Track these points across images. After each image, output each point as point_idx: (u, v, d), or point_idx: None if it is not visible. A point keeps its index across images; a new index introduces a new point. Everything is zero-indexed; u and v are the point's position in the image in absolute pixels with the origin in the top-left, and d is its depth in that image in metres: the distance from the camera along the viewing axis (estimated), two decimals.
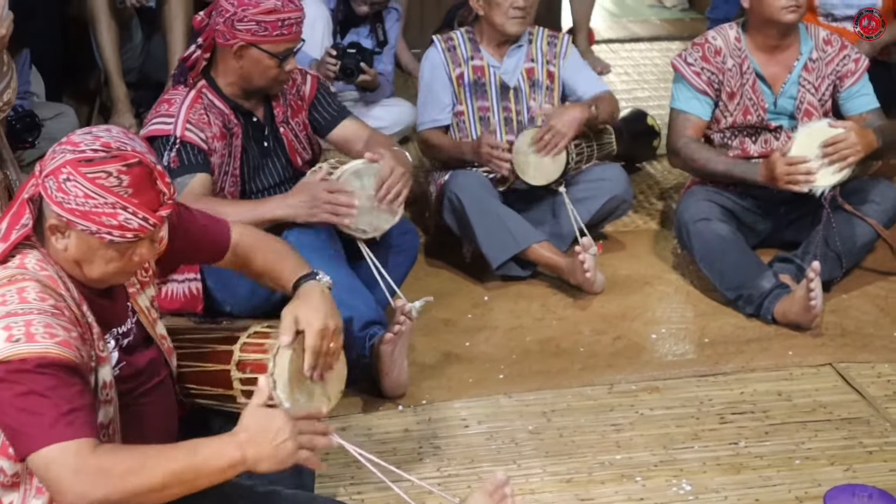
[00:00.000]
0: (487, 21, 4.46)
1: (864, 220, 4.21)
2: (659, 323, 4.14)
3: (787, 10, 4.22)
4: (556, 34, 4.64)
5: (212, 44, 3.72)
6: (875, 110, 4.40)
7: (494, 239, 4.24)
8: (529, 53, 4.54)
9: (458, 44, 4.54)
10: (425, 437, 3.46)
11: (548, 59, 4.55)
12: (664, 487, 3.24)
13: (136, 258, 2.41)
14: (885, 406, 3.62)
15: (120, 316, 2.53)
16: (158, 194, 2.36)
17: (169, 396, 2.68)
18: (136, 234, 2.34)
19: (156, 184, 2.36)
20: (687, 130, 4.37)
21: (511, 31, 4.43)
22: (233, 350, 2.78)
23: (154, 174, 2.35)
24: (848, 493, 2.90)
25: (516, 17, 4.40)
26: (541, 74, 4.53)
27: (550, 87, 4.54)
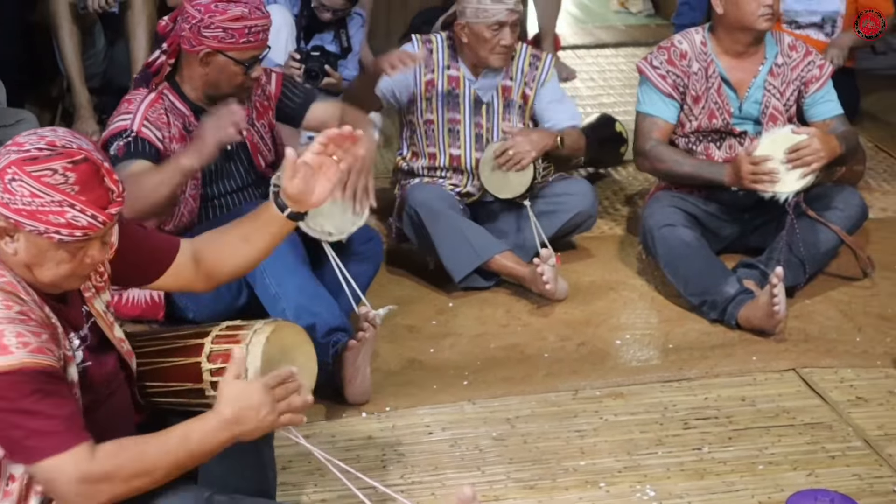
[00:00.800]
0: (470, 48, 4.40)
1: (827, 226, 4.25)
2: (623, 329, 4.15)
3: (763, 17, 4.25)
4: (539, 55, 4.58)
5: (177, 49, 3.71)
6: (839, 116, 4.44)
7: (456, 252, 4.24)
8: (509, 72, 4.49)
9: (436, 48, 4.49)
10: (389, 443, 3.45)
11: (526, 81, 4.51)
12: (628, 493, 3.25)
13: (88, 259, 2.39)
14: (848, 411, 3.64)
15: (76, 321, 2.51)
16: (107, 192, 2.35)
17: (126, 400, 2.68)
18: (85, 232, 2.32)
19: (103, 181, 2.35)
20: (654, 133, 4.39)
21: (494, 65, 4.40)
22: (204, 343, 2.78)
23: (101, 171, 2.34)
24: (810, 498, 2.91)
25: (501, 53, 4.37)
26: (516, 94, 4.51)
27: (523, 107, 4.52)
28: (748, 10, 4.24)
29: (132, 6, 5.53)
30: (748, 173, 4.12)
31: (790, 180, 4.14)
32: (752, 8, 4.24)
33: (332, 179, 2.70)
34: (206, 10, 3.60)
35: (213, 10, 3.59)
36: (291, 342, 2.79)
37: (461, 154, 4.47)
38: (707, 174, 4.31)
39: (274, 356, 2.69)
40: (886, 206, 5.16)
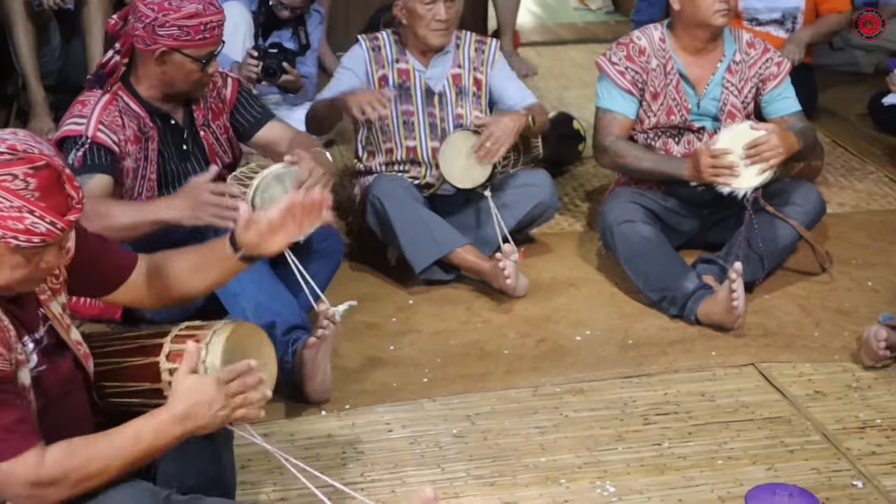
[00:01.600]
0: (410, 30, 4.45)
1: (786, 221, 4.27)
2: (583, 325, 4.15)
3: (719, 13, 4.27)
4: (483, 40, 4.62)
5: (130, 49, 3.67)
6: (797, 113, 4.46)
7: (417, 243, 4.24)
8: (456, 59, 4.53)
9: (384, 45, 4.52)
10: (349, 441, 3.45)
11: (475, 66, 4.54)
12: (588, 489, 3.25)
13: (44, 265, 2.38)
14: (807, 405, 3.66)
15: (31, 323, 2.50)
16: (67, 198, 2.33)
17: (84, 402, 2.67)
18: (43, 238, 2.31)
19: (64, 187, 2.33)
20: (614, 129, 4.40)
21: (433, 42, 4.42)
22: (163, 343, 2.77)
23: (62, 178, 2.33)
24: (769, 492, 2.93)
25: (438, 29, 4.39)
26: (467, 81, 4.53)
27: (477, 93, 4.54)
28: (704, 6, 4.26)
29: (88, 3, 5.52)
30: (707, 167, 4.14)
31: (749, 176, 4.16)
32: (708, 4, 4.25)
33: (291, 235, 2.79)
34: (159, 8, 3.56)
35: (166, 9, 3.56)
36: (251, 342, 2.79)
37: (417, 145, 4.48)
38: (667, 169, 4.32)
39: (234, 356, 2.69)
40: (844, 201, 5.19)
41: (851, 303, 4.29)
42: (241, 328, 2.78)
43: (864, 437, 3.51)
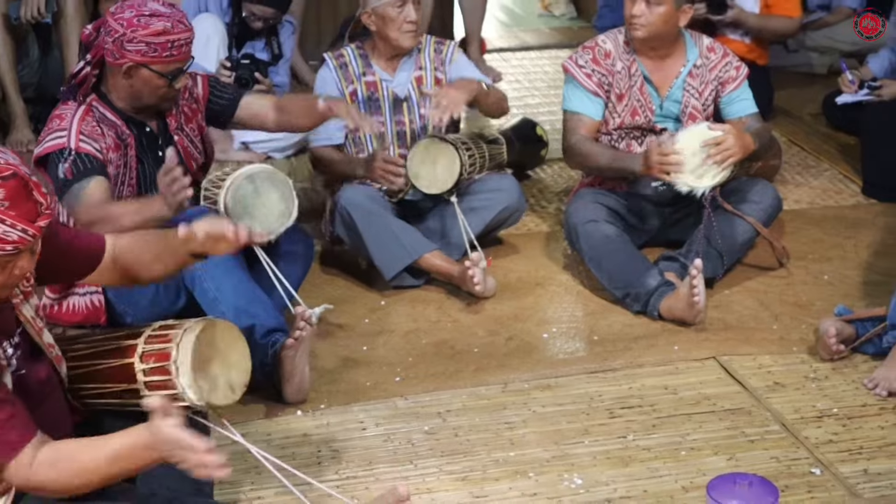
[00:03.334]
0: (380, 36, 4.43)
1: (743, 218, 4.29)
2: (550, 323, 4.16)
3: (630, 23, 4.32)
4: (442, 41, 4.62)
5: (101, 60, 3.65)
6: (753, 114, 4.49)
7: (386, 251, 4.24)
8: (418, 62, 4.53)
9: (350, 60, 4.50)
10: (324, 440, 3.44)
11: (435, 66, 4.54)
12: (556, 482, 3.26)
13: (18, 271, 2.37)
14: (766, 396, 3.68)
15: (6, 328, 2.49)
16: (35, 205, 2.33)
17: (60, 404, 2.66)
18: (15, 246, 2.31)
19: (32, 195, 2.32)
20: (580, 130, 4.41)
21: (405, 44, 4.41)
22: (137, 343, 2.76)
23: (29, 185, 2.32)
24: (730, 481, 2.92)
25: (410, 31, 4.38)
26: (429, 81, 4.52)
27: None
28: (625, 11, 4.33)
29: (64, 16, 5.50)
30: (657, 163, 4.15)
31: (706, 175, 4.18)
32: (626, 9, 4.32)
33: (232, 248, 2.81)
34: (128, 24, 3.54)
35: (135, 25, 3.54)
36: (223, 339, 2.78)
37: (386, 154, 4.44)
38: (623, 164, 4.34)
39: (205, 353, 2.69)
40: (800, 198, 5.21)
41: (808, 296, 4.31)
42: (212, 326, 2.77)
43: (821, 426, 3.53)
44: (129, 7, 3.59)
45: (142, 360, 2.73)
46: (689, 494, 3.19)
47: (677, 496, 3.20)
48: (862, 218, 5.00)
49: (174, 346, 2.68)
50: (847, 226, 4.92)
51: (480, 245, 4.32)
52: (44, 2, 5.38)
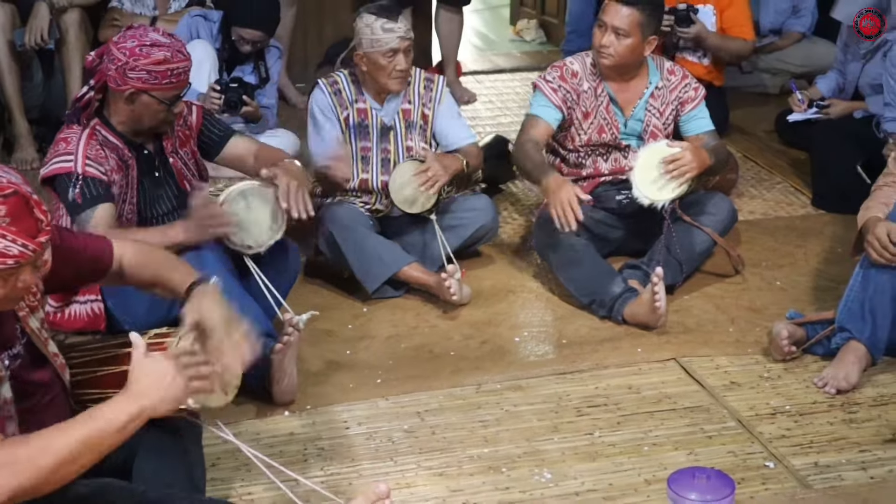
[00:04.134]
0: (370, 76, 4.36)
1: (701, 229, 4.30)
2: (521, 327, 4.15)
3: (599, 52, 4.36)
4: (432, 77, 4.56)
5: (103, 86, 3.64)
6: (710, 132, 4.50)
7: (368, 266, 4.22)
8: (407, 95, 4.46)
9: (343, 87, 4.43)
10: (310, 438, 3.43)
11: (423, 102, 4.48)
12: (527, 476, 3.25)
13: (20, 284, 2.34)
14: (723, 395, 3.68)
15: (8, 340, 2.47)
16: (36, 222, 2.30)
17: (64, 410, 2.63)
18: (16, 260, 2.28)
19: (33, 212, 2.30)
20: (531, 130, 4.41)
21: (393, 89, 4.36)
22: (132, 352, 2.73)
23: (30, 203, 2.30)
24: (689, 475, 2.92)
25: (398, 77, 4.32)
26: (416, 115, 4.47)
27: (424, 127, 4.48)
28: (594, 41, 4.38)
29: (66, 43, 5.49)
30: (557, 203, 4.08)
31: (666, 189, 4.19)
32: (595, 39, 4.37)
33: None
34: (130, 53, 3.53)
35: (137, 54, 3.53)
36: None
37: (369, 178, 4.43)
38: (536, 175, 4.29)
39: None
40: (754, 209, 5.22)
41: (762, 301, 4.31)
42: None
43: (774, 423, 3.53)
44: (132, 37, 3.58)
45: None
46: (651, 487, 3.19)
47: (640, 489, 3.20)
48: (812, 228, 5.01)
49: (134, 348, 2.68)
50: (798, 235, 4.93)
51: (457, 257, 4.32)
52: (47, 29, 5.37)
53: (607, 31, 4.32)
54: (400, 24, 4.27)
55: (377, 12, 4.29)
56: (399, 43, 4.27)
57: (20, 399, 2.47)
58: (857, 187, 4.41)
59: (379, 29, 4.25)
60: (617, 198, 4.43)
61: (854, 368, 3.72)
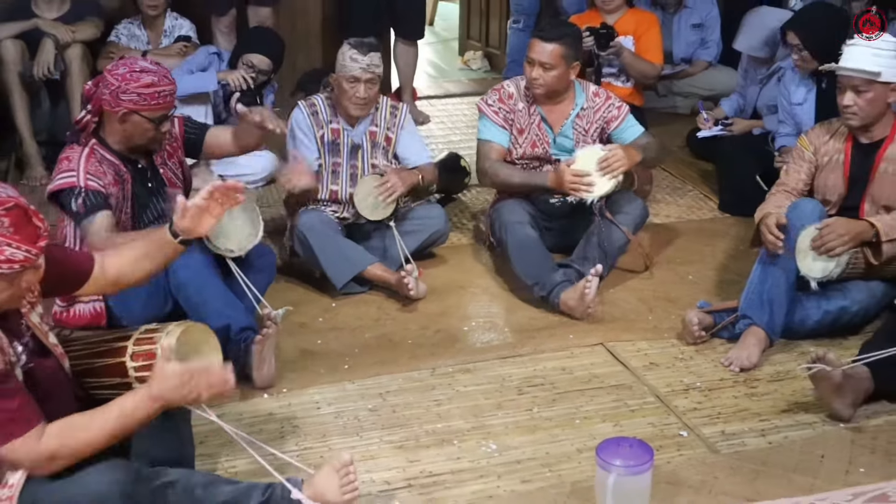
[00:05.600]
0: (338, 98, 4.37)
1: (619, 227, 4.30)
2: (470, 318, 4.15)
3: (532, 84, 4.37)
4: (396, 105, 4.53)
5: (100, 109, 3.61)
6: (643, 133, 4.53)
7: (336, 265, 4.20)
8: (374, 119, 4.44)
9: (320, 109, 4.40)
10: (286, 418, 3.41)
11: (388, 126, 4.45)
12: (475, 448, 3.25)
13: (24, 284, 2.36)
14: (644, 374, 3.69)
15: (17, 332, 2.47)
16: (36, 229, 2.31)
17: (66, 393, 2.63)
18: (21, 264, 2.29)
19: (32, 220, 2.31)
20: (491, 154, 4.43)
21: (351, 113, 4.34)
22: (127, 345, 2.75)
23: (29, 213, 2.31)
24: (615, 444, 2.92)
25: (357, 104, 4.31)
26: (381, 138, 4.45)
27: (386, 148, 4.46)
28: (526, 75, 4.40)
29: (70, 73, 5.43)
30: (569, 182, 4.19)
31: (600, 185, 4.20)
32: (527, 74, 4.38)
33: (216, 216, 2.75)
34: (122, 78, 3.53)
35: (128, 79, 3.52)
36: (198, 339, 2.78)
37: (339, 189, 4.40)
38: (534, 181, 4.38)
39: (183, 351, 2.68)
40: (669, 214, 5.24)
41: (676, 293, 4.33)
42: (189, 329, 2.77)
43: (687, 397, 3.55)
44: (123, 65, 3.59)
45: (132, 359, 2.73)
46: (582, 455, 3.20)
47: (573, 457, 3.20)
48: (718, 229, 5.03)
49: (158, 346, 2.67)
50: (706, 236, 4.95)
51: (413, 258, 4.31)
52: (52, 62, 5.32)
53: (535, 66, 4.34)
54: (366, 58, 4.25)
55: (353, 44, 4.30)
56: (361, 73, 4.25)
57: (31, 384, 2.46)
58: (756, 194, 4.43)
59: (348, 57, 4.26)
60: (551, 200, 4.45)
61: (755, 350, 3.74)
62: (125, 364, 2.72)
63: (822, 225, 3.75)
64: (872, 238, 3.76)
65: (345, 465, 2.72)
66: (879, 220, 3.78)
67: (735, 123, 5.61)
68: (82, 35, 5.48)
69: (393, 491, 3.04)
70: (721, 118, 5.71)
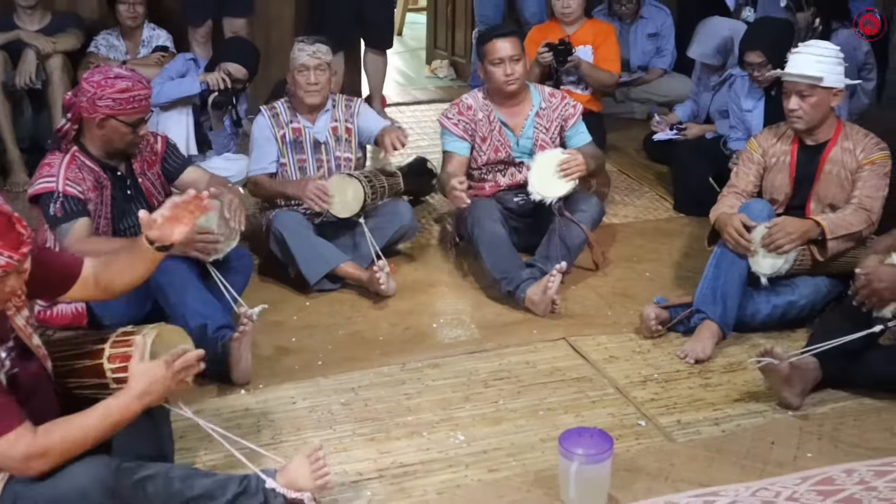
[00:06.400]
0: (295, 94, 4.41)
1: (578, 225, 4.30)
2: (438, 315, 4.13)
3: (507, 83, 4.35)
4: (351, 99, 4.59)
5: (79, 117, 3.59)
6: (589, 142, 4.54)
7: (310, 263, 4.18)
8: (334, 115, 4.49)
9: (280, 111, 4.46)
10: (262, 412, 3.39)
11: (346, 119, 4.51)
12: (444, 439, 3.25)
13: (8, 288, 2.33)
14: (603, 367, 3.70)
15: (2, 335, 2.43)
16: (18, 235, 2.29)
17: (49, 392, 2.60)
18: (4, 269, 2.26)
19: (14, 227, 2.29)
20: (448, 165, 4.45)
21: (308, 101, 4.39)
22: (104, 348, 2.72)
23: (12, 220, 2.29)
24: (576, 434, 2.93)
25: (311, 91, 4.36)
26: (342, 130, 4.49)
27: (349, 139, 4.50)
28: (497, 79, 4.37)
29: (52, 83, 5.38)
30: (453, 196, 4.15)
31: (559, 187, 4.21)
32: (498, 76, 4.36)
33: (187, 223, 2.73)
34: (97, 85, 3.51)
35: (103, 85, 3.51)
36: (172, 340, 2.75)
37: None
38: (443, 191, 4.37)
39: (158, 352, 2.65)
40: (627, 214, 5.25)
41: (634, 289, 4.34)
42: (163, 331, 2.76)
43: (645, 388, 3.56)
44: (98, 72, 3.58)
45: (109, 361, 2.71)
46: (546, 444, 3.20)
47: (537, 446, 3.21)
48: (673, 229, 5.04)
49: (135, 350, 2.64)
50: (662, 235, 4.96)
51: (383, 254, 4.29)
52: (34, 72, 5.27)
53: (506, 62, 4.34)
54: (312, 47, 4.35)
55: (303, 38, 4.41)
56: (308, 60, 4.33)
57: (15, 386, 2.43)
58: (709, 195, 4.44)
59: (297, 49, 4.38)
60: (515, 199, 4.46)
61: (709, 343, 3.76)
62: (103, 366, 2.70)
63: (771, 224, 3.79)
64: (818, 236, 3.80)
65: (315, 452, 2.74)
66: (825, 218, 3.82)
67: (689, 128, 5.63)
68: (63, 46, 5.42)
69: (365, 481, 3.02)
70: (676, 123, 5.74)
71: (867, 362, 3.43)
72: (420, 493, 2.98)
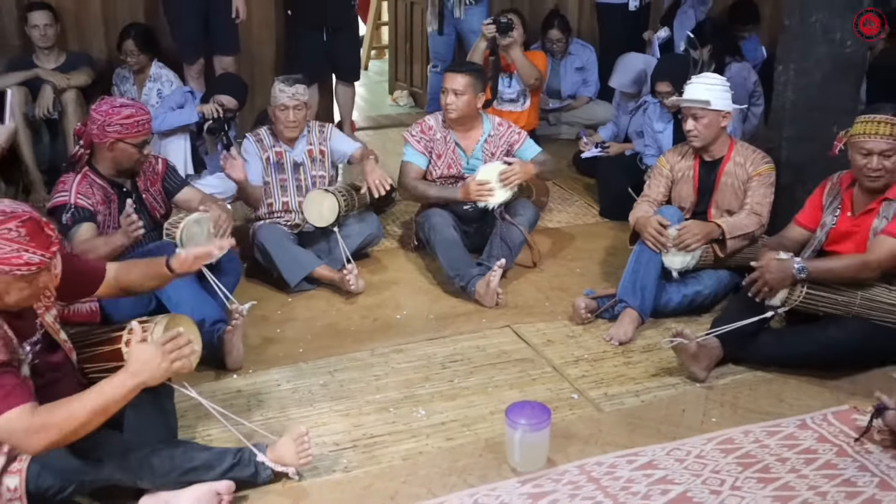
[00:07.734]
0: (275, 125, 4.38)
1: (517, 227, 4.32)
2: (402, 308, 4.12)
3: (446, 109, 4.39)
4: (324, 124, 4.56)
5: (90, 143, 3.56)
6: (540, 152, 4.52)
7: (289, 268, 4.16)
8: (309, 140, 4.47)
9: (263, 137, 4.43)
10: (252, 393, 3.38)
11: (320, 142, 4.48)
12: (408, 414, 3.25)
13: (41, 284, 2.32)
14: (542, 350, 3.72)
15: (29, 330, 2.42)
16: (48, 237, 2.29)
17: (73, 382, 2.59)
18: (38, 266, 2.26)
19: (44, 230, 2.30)
20: (411, 174, 4.44)
21: (286, 135, 4.36)
22: (122, 334, 2.72)
23: (41, 224, 2.30)
24: (520, 406, 2.95)
25: (290, 127, 4.34)
26: (317, 152, 4.47)
27: (322, 160, 4.48)
28: (441, 104, 4.40)
29: (66, 114, 5.31)
30: (474, 191, 4.21)
31: (500, 194, 4.22)
32: (442, 102, 4.39)
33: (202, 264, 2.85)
34: (106, 114, 3.51)
35: (111, 113, 3.51)
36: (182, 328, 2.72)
37: (289, 200, 4.40)
38: (446, 194, 4.38)
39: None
40: (560, 220, 5.24)
41: (567, 283, 4.35)
42: (174, 319, 2.78)
43: (577, 367, 3.58)
44: (104, 103, 3.57)
45: (126, 346, 2.68)
46: (494, 416, 3.21)
47: (487, 418, 3.22)
48: (600, 231, 5.06)
49: (149, 334, 2.63)
50: (591, 236, 4.98)
51: (353, 258, 4.28)
52: (51, 104, 5.20)
53: (449, 93, 4.35)
54: (291, 89, 4.29)
55: (282, 79, 4.35)
56: (288, 101, 4.28)
57: (39, 376, 2.41)
58: (629, 203, 4.46)
59: (277, 90, 4.31)
60: (464, 207, 4.44)
61: (630, 327, 3.79)
62: (120, 350, 2.69)
63: (680, 226, 3.83)
64: (719, 236, 3.85)
65: (301, 436, 2.75)
66: (724, 221, 3.87)
67: (611, 146, 5.68)
68: (76, 82, 5.36)
69: (341, 450, 3.02)
70: (600, 142, 5.77)
71: (760, 342, 3.48)
72: (388, 460, 2.98)
